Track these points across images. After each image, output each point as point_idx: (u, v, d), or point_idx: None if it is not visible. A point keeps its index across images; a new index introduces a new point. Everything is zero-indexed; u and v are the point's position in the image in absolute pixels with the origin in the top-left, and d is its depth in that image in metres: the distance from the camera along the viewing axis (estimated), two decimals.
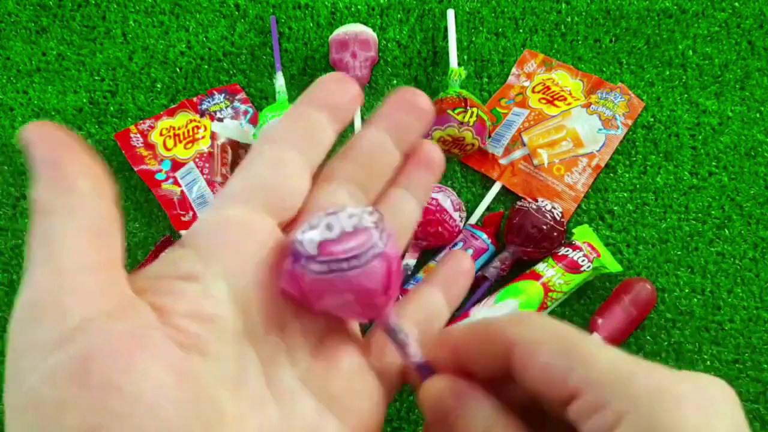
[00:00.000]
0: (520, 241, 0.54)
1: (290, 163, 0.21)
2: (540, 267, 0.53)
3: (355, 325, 0.22)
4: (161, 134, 0.61)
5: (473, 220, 0.58)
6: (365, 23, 0.64)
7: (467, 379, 0.20)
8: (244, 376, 0.18)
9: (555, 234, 0.53)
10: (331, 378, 0.20)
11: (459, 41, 0.64)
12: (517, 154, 0.60)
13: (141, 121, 0.61)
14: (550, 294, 0.52)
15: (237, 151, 0.61)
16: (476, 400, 0.20)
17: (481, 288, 0.54)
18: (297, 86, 0.64)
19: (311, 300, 0.18)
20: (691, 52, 0.64)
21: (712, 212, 0.58)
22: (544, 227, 0.53)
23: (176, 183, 0.59)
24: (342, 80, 0.22)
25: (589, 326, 0.52)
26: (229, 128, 0.60)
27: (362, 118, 0.61)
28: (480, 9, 0.66)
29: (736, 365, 0.54)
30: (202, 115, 0.62)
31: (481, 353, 0.20)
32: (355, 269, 0.18)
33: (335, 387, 0.20)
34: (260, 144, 0.22)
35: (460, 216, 0.55)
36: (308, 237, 0.18)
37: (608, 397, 0.16)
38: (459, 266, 0.24)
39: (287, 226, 0.21)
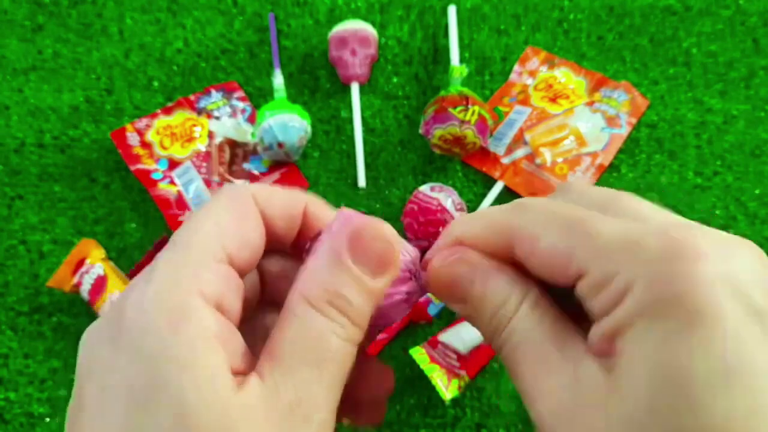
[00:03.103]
0: None
1: None
2: None
3: None
4: (158, 133, 0.60)
5: None
6: (365, 20, 0.63)
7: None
8: None
9: None
10: None
11: (460, 38, 0.63)
12: (520, 153, 0.59)
13: (137, 120, 0.60)
14: None
15: (234, 149, 0.60)
16: (491, 266, 0.19)
17: None
18: (295, 84, 0.63)
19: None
20: (695, 50, 0.63)
21: (717, 212, 0.58)
22: None
23: (172, 183, 0.58)
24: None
25: None
26: (227, 127, 0.59)
27: (362, 118, 0.60)
28: (482, 6, 0.66)
29: None
30: (199, 113, 0.61)
31: (487, 246, 0.19)
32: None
33: None
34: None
35: (461, 216, 0.55)
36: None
37: (615, 267, 0.15)
38: None
39: None
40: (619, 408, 0.15)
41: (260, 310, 0.22)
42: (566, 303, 0.18)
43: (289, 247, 0.22)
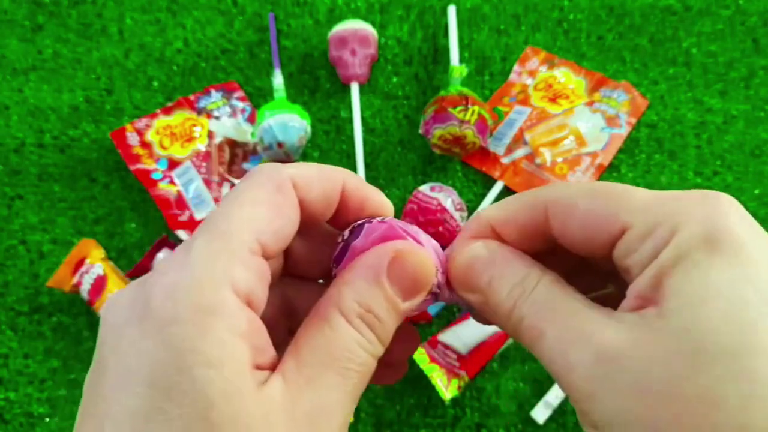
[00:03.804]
0: None
1: None
2: None
3: None
4: (158, 133, 0.60)
5: None
6: (365, 20, 0.63)
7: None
8: None
9: None
10: None
11: (460, 38, 0.63)
12: (519, 152, 0.59)
13: (137, 120, 0.60)
14: None
15: (234, 149, 0.60)
16: (510, 250, 0.20)
17: None
18: (295, 84, 0.63)
19: None
20: (695, 50, 0.63)
21: None
22: None
23: (172, 182, 0.58)
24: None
25: None
26: (227, 127, 0.59)
27: (362, 118, 0.60)
28: (481, 6, 0.66)
29: None
30: (199, 113, 0.61)
31: (518, 222, 0.20)
32: None
33: None
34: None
35: (461, 216, 0.55)
36: None
37: (658, 218, 0.16)
38: None
39: None
40: (673, 344, 0.15)
41: (279, 280, 0.23)
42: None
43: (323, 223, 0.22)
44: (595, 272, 0.21)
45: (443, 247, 0.22)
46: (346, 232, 0.21)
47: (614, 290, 0.21)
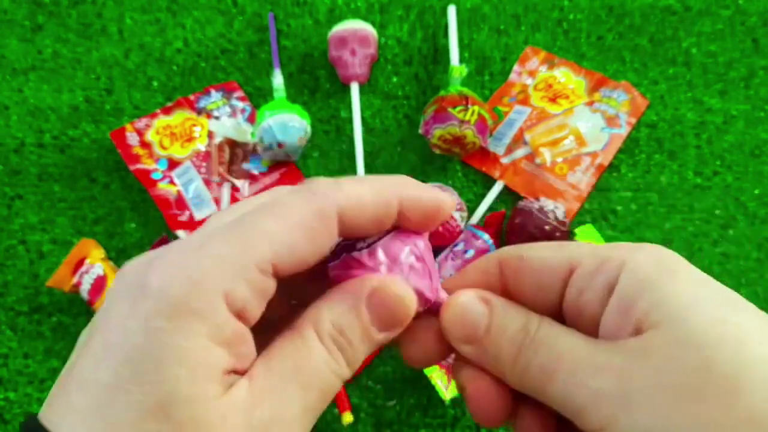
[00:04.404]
0: (521, 242, 0.53)
1: None
2: None
3: None
4: (157, 133, 0.60)
5: (475, 220, 0.57)
6: (365, 20, 0.63)
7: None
8: None
9: (557, 234, 0.53)
10: None
11: (460, 38, 0.63)
12: (519, 152, 0.59)
13: (137, 120, 0.60)
14: None
15: (234, 149, 0.60)
16: (506, 303, 0.20)
17: None
18: (295, 84, 0.63)
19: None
20: (695, 50, 0.63)
21: (717, 212, 0.58)
22: (547, 227, 0.52)
23: (172, 182, 0.58)
24: None
25: None
26: (227, 127, 0.59)
27: (362, 118, 0.60)
28: (481, 6, 0.66)
29: None
30: (199, 113, 0.61)
31: (479, 286, 0.21)
32: None
33: None
34: None
35: (461, 216, 0.55)
36: None
37: (604, 256, 0.19)
38: None
39: None
40: (682, 358, 0.16)
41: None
42: None
43: None
44: None
45: (443, 248, 0.22)
46: (377, 236, 0.21)
47: None
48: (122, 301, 0.17)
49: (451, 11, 0.63)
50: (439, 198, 0.20)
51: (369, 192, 0.19)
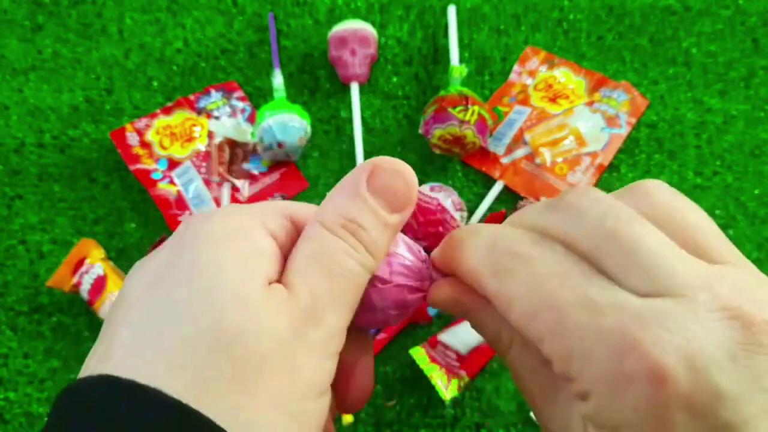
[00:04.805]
0: None
1: None
2: None
3: None
4: (157, 133, 0.60)
5: (475, 220, 0.57)
6: (365, 20, 0.63)
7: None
8: None
9: None
10: None
11: (460, 38, 0.63)
12: (519, 152, 0.59)
13: (137, 120, 0.60)
14: None
15: (234, 149, 0.60)
16: (479, 300, 0.20)
17: None
18: (295, 84, 0.63)
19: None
20: (695, 50, 0.63)
21: (717, 212, 0.58)
22: None
23: (172, 182, 0.58)
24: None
25: None
26: (227, 127, 0.59)
27: (362, 118, 0.60)
28: (481, 6, 0.66)
29: None
30: (199, 113, 0.61)
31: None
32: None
33: None
34: None
35: (461, 216, 0.55)
36: None
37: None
38: None
39: None
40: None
41: None
42: None
43: None
44: None
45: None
46: None
47: None
48: (159, 264, 0.18)
49: (451, 11, 0.63)
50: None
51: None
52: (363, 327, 0.21)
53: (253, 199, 0.58)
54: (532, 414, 0.50)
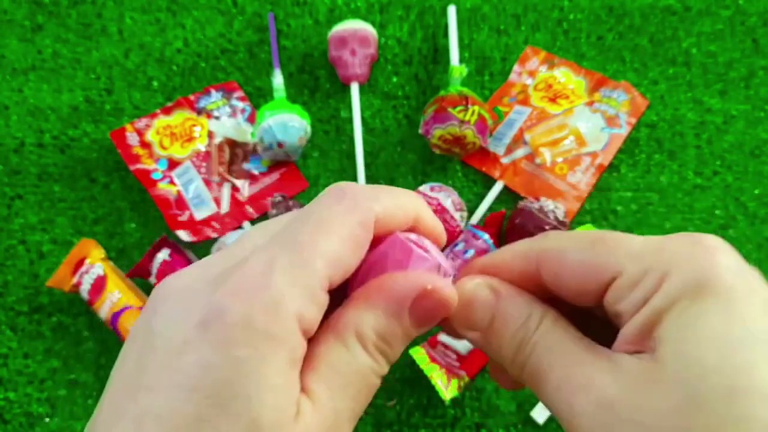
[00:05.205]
0: None
1: None
2: None
3: None
4: (158, 133, 0.60)
5: (475, 220, 0.57)
6: (365, 20, 0.63)
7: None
8: None
9: None
10: None
11: (460, 38, 0.63)
12: (519, 152, 0.59)
13: (137, 120, 0.60)
14: None
15: (234, 149, 0.60)
16: (511, 288, 0.20)
17: None
18: (295, 84, 0.63)
19: None
20: (695, 50, 0.63)
21: (717, 212, 0.58)
22: (547, 227, 0.52)
23: (172, 182, 0.58)
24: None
25: None
26: (227, 127, 0.59)
27: (362, 118, 0.60)
28: (481, 6, 0.66)
29: None
30: (199, 113, 0.61)
31: (512, 271, 0.21)
32: None
33: None
34: None
35: (461, 216, 0.55)
36: None
37: (648, 265, 0.17)
38: None
39: None
40: (670, 391, 0.15)
41: None
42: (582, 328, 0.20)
43: None
44: (590, 314, 0.21)
45: (442, 248, 0.22)
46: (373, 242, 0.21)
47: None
48: (190, 330, 0.16)
49: (451, 11, 0.63)
50: (441, 236, 0.22)
51: (393, 202, 0.20)
52: None
53: (253, 198, 0.58)
54: (532, 414, 0.50)
